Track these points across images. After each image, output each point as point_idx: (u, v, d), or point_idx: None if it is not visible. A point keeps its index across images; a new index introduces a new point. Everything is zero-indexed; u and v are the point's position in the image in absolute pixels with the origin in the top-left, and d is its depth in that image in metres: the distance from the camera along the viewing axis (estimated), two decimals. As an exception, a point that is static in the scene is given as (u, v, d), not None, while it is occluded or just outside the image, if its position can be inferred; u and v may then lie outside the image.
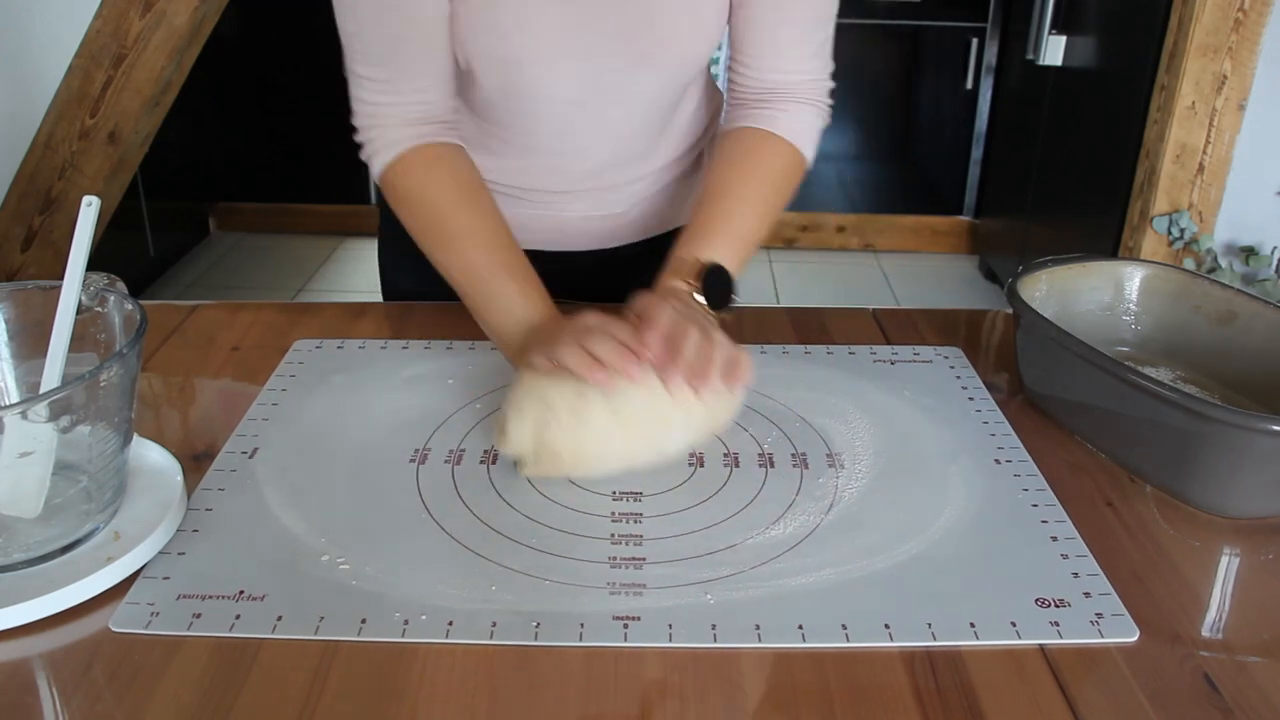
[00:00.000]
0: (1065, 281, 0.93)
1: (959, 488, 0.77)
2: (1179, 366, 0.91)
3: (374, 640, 0.61)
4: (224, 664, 0.60)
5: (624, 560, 0.68)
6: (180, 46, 2.28)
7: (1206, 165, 2.24)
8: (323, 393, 0.89)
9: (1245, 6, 2.10)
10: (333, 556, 0.68)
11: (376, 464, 0.79)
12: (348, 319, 1.03)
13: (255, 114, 3.56)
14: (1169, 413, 0.74)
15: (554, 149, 1.01)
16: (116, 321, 0.72)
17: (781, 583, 0.66)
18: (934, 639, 0.62)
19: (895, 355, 0.96)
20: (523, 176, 1.04)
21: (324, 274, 3.41)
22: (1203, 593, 0.67)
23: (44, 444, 0.64)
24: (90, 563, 0.65)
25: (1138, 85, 2.33)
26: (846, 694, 0.58)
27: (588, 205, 1.07)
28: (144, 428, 0.81)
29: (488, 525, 0.72)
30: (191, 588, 0.65)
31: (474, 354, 0.96)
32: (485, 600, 0.65)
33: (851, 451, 0.81)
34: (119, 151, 2.36)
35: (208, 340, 1.00)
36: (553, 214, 1.07)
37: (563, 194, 1.06)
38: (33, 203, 2.36)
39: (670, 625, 0.63)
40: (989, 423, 0.85)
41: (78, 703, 0.57)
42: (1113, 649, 0.62)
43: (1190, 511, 0.75)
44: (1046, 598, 0.65)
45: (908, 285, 3.36)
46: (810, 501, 0.75)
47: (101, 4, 2.20)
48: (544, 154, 1.02)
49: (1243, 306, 0.87)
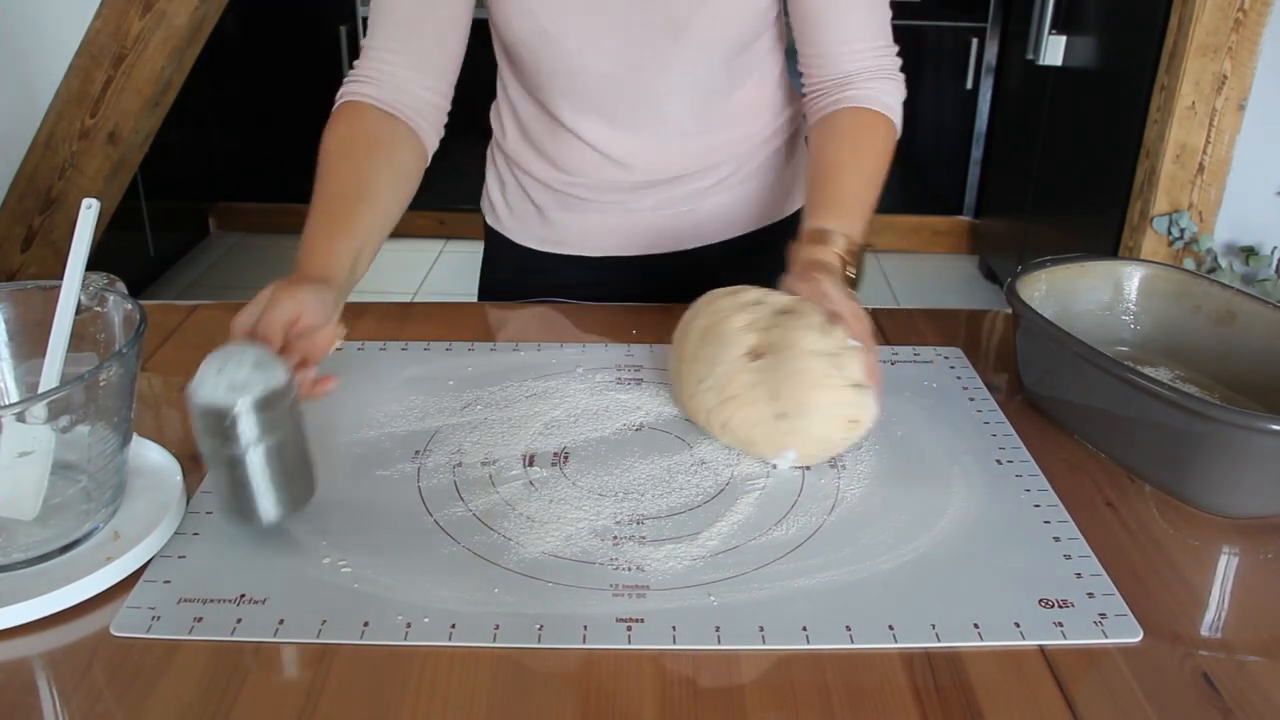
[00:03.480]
0: (1065, 281, 0.93)
1: (961, 488, 0.77)
2: (1179, 366, 0.90)
3: (376, 644, 0.61)
4: (224, 664, 0.60)
5: (627, 563, 0.68)
6: (180, 46, 2.28)
7: (1206, 165, 2.24)
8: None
9: (1245, 6, 2.10)
10: (334, 559, 0.68)
11: (377, 466, 0.79)
12: (348, 319, 1.03)
13: (255, 114, 3.56)
14: (1169, 413, 0.74)
15: (603, 135, 1.02)
16: (116, 321, 0.73)
17: (785, 584, 0.66)
18: (938, 640, 0.62)
19: (895, 355, 0.96)
20: (581, 172, 1.06)
21: (324, 274, 3.40)
22: (1202, 592, 0.67)
23: (43, 444, 0.64)
24: (90, 562, 0.65)
25: (1138, 85, 2.32)
26: (846, 694, 0.58)
27: (655, 202, 1.08)
28: (144, 428, 0.81)
29: (489, 527, 0.72)
30: (192, 591, 0.65)
31: (474, 355, 0.96)
32: (488, 603, 0.64)
33: (852, 452, 0.81)
34: (119, 151, 2.35)
35: (208, 340, 0.99)
36: (621, 214, 1.09)
37: (626, 192, 1.07)
38: (33, 203, 2.36)
39: (674, 627, 0.63)
40: (990, 423, 0.85)
41: (78, 703, 0.57)
42: (1112, 649, 0.62)
43: (1190, 511, 0.75)
44: (1050, 598, 0.65)
45: (908, 285, 3.36)
46: (812, 503, 0.75)
47: (101, 4, 2.20)
48: (595, 142, 1.03)
49: (1243, 306, 0.87)
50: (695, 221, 1.11)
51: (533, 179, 1.09)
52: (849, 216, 0.90)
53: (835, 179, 0.93)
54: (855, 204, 0.92)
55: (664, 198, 1.08)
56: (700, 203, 1.09)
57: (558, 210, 1.10)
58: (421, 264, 3.45)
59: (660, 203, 1.08)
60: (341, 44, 3.35)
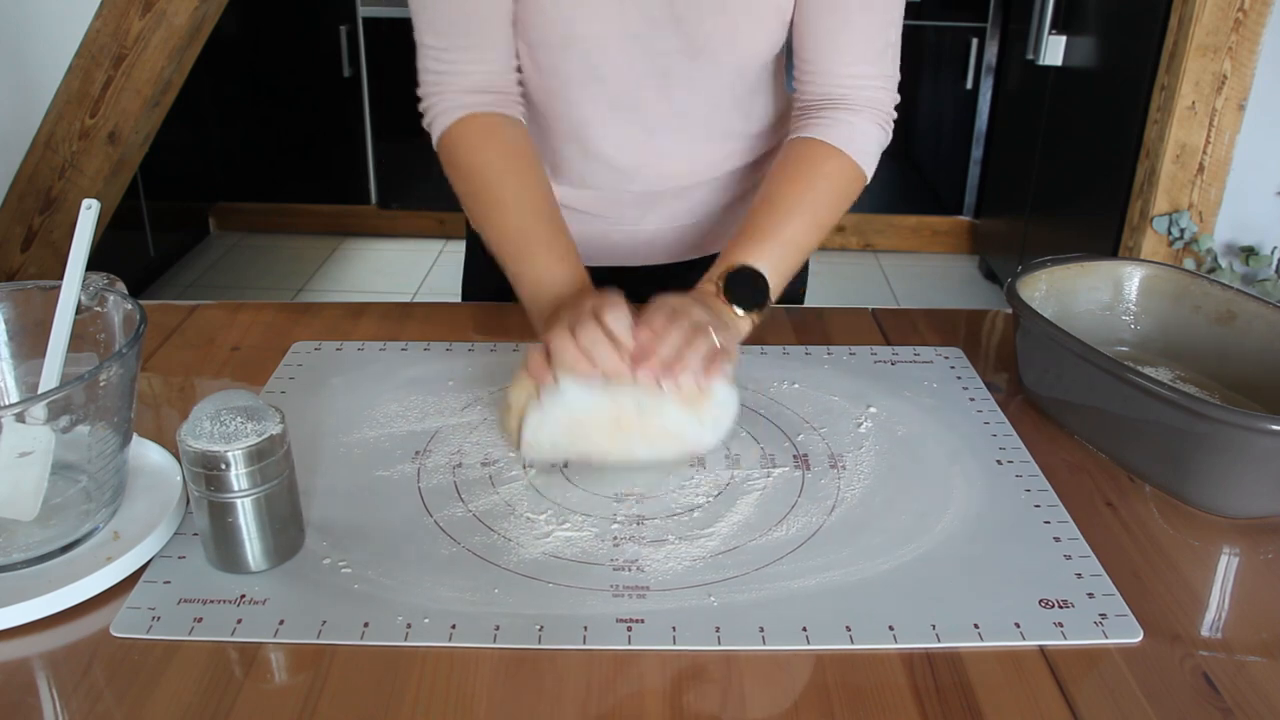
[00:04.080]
0: (1065, 281, 0.93)
1: (961, 489, 0.77)
2: (1179, 366, 0.90)
3: (376, 644, 0.61)
4: (224, 665, 0.60)
5: (627, 563, 0.68)
6: (180, 46, 2.27)
7: (1206, 165, 2.24)
8: (322, 395, 0.89)
9: (1245, 6, 2.10)
10: (334, 560, 0.68)
11: (377, 466, 0.79)
12: (348, 319, 1.03)
13: (255, 114, 3.56)
14: (1168, 413, 0.74)
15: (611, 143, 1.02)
16: (116, 321, 0.72)
17: (785, 585, 0.66)
18: (938, 640, 0.62)
19: (896, 356, 0.96)
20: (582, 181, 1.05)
21: (324, 274, 3.41)
22: (1202, 592, 0.67)
23: (43, 444, 0.64)
24: (90, 562, 0.65)
25: (1138, 85, 2.33)
26: (846, 695, 0.58)
27: (652, 214, 1.08)
28: (144, 428, 0.81)
29: (489, 528, 0.72)
30: (192, 592, 0.65)
31: (474, 355, 0.96)
32: (488, 603, 0.64)
33: (853, 453, 0.81)
34: (119, 151, 2.35)
35: (208, 340, 1.00)
36: (624, 227, 1.08)
37: (629, 206, 1.07)
38: (33, 203, 2.36)
39: (674, 628, 0.63)
40: (990, 423, 0.85)
41: (78, 703, 0.57)
42: (1112, 649, 0.62)
43: (1190, 511, 0.75)
44: (1050, 599, 0.65)
45: (908, 285, 3.36)
46: (812, 503, 0.75)
47: (101, 4, 2.20)
48: (603, 149, 1.02)
49: (1242, 306, 0.87)
50: (691, 234, 1.10)
51: None
52: (762, 252, 0.88)
53: (772, 218, 0.90)
54: (780, 243, 0.89)
55: (665, 211, 1.08)
56: (698, 215, 1.09)
57: None
58: (421, 264, 3.45)
59: (659, 215, 1.08)
60: (341, 44, 3.35)
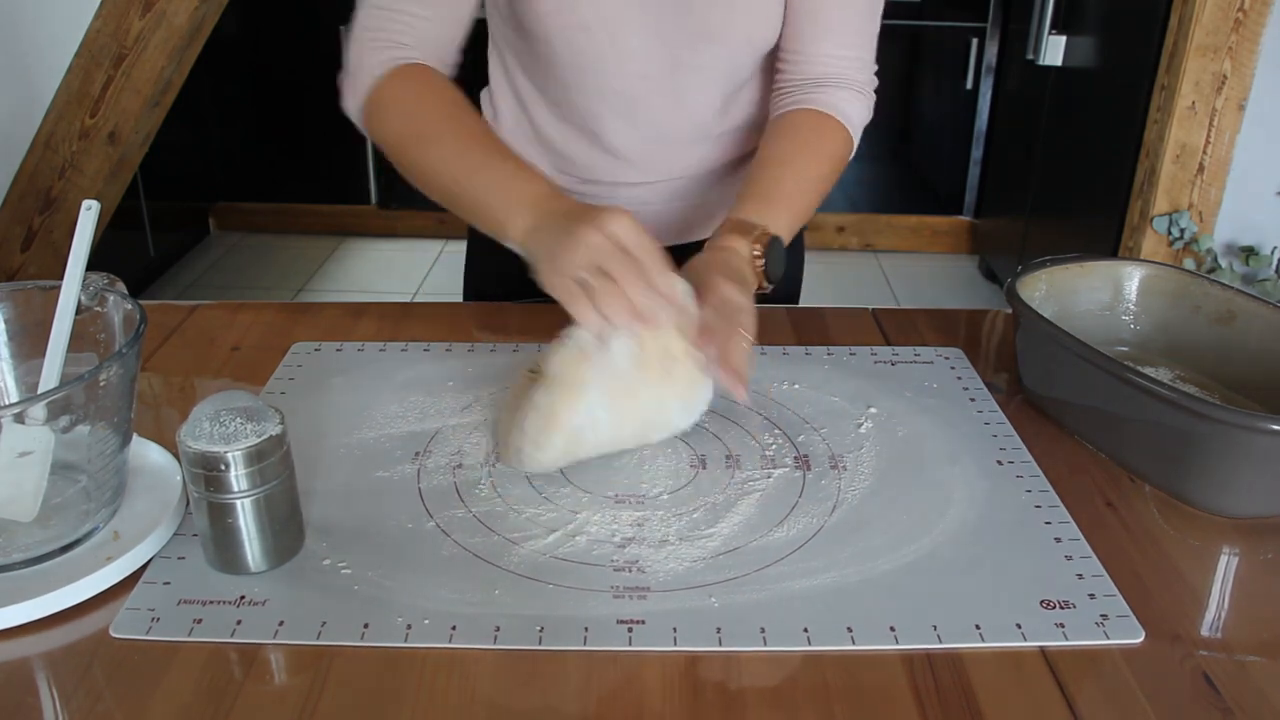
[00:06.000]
0: (1065, 281, 0.93)
1: (961, 489, 0.77)
2: (1179, 366, 0.90)
3: (376, 645, 0.61)
4: (224, 666, 0.60)
5: (627, 564, 0.68)
6: (180, 46, 2.28)
7: (1206, 165, 2.24)
8: (322, 395, 0.89)
9: (1245, 6, 2.10)
10: (334, 561, 0.68)
11: (377, 467, 0.79)
12: (348, 319, 1.03)
13: (255, 114, 3.56)
14: (1168, 413, 0.74)
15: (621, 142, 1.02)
16: (116, 321, 0.72)
17: (786, 585, 0.66)
18: (939, 641, 0.62)
19: (896, 356, 0.96)
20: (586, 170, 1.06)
21: (324, 274, 3.41)
22: (1202, 593, 0.67)
23: (42, 444, 0.64)
24: (90, 562, 0.65)
25: (1138, 85, 2.32)
26: (847, 695, 0.58)
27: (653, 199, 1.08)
28: (144, 428, 0.81)
29: (490, 528, 0.72)
30: (192, 593, 0.65)
31: (473, 356, 0.95)
32: (488, 604, 0.64)
33: (853, 453, 0.81)
34: (119, 151, 2.35)
35: (208, 340, 1.00)
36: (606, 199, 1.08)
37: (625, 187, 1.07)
38: (33, 202, 2.36)
39: (675, 629, 0.63)
40: (990, 423, 0.85)
41: (78, 703, 0.57)
42: (1113, 649, 0.62)
43: (1190, 511, 0.75)
44: (1051, 599, 0.65)
45: (908, 285, 3.36)
46: (813, 504, 0.75)
47: (101, 4, 2.20)
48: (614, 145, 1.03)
49: (1242, 306, 0.87)
50: (690, 218, 1.10)
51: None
52: (774, 211, 0.89)
53: (773, 173, 0.92)
54: (785, 200, 0.91)
55: (664, 189, 1.08)
56: (698, 198, 1.09)
57: None
58: (421, 264, 3.45)
59: (659, 195, 1.08)
60: (342, 44, 3.34)
